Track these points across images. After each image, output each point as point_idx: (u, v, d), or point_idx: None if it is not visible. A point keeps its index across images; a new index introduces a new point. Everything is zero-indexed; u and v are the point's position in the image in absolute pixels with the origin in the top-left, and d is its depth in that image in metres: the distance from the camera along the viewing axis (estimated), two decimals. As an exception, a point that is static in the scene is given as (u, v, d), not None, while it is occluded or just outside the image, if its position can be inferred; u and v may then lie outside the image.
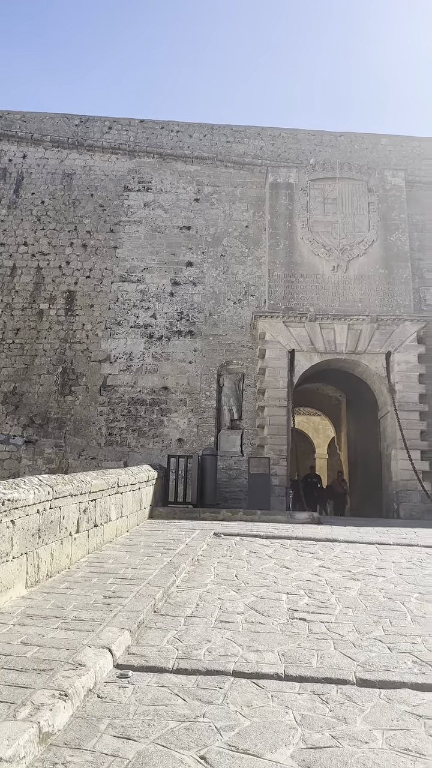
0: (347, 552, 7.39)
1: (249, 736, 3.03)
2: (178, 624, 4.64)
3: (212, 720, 3.21)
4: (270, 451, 14.90)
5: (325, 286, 16.21)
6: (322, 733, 3.09)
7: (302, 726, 3.17)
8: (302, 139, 17.69)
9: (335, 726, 3.18)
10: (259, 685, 3.68)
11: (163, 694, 3.51)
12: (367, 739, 3.05)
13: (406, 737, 3.08)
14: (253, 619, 4.82)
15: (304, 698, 3.52)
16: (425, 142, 17.97)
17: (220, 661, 3.96)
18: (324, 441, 29.48)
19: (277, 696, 3.54)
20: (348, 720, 3.25)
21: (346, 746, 2.96)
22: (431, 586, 5.88)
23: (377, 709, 3.40)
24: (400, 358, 15.57)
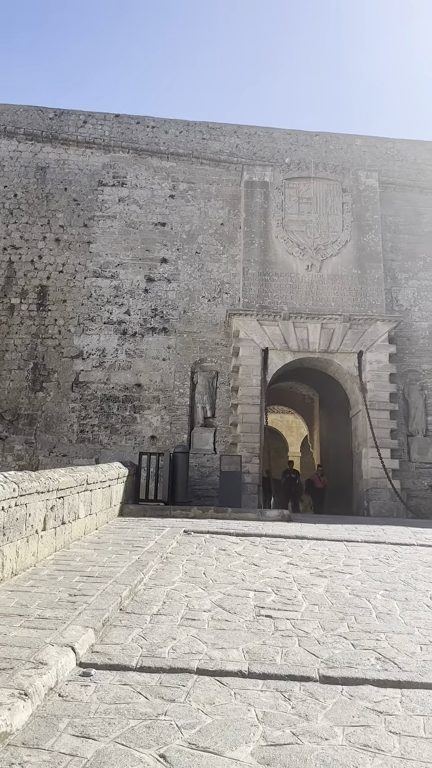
0: (316, 549, 7.43)
1: (210, 734, 3.02)
2: (144, 622, 4.62)
3: (174, 718, 3.19)
4: (243, 448, 14.93)
5: (299, 285, 16.27)
6: (283, 731, 3.10)
7: (264, 723, 3.17)
8: (278, 138, 17.73)
9: (296, 723, 3.19)
10: (222, 683, 3.67)
11: (126, 693, 3.48)
12: (327, 735, 3.06)
13: (366, 733, 3.10)
14: (220, 616, 4.82)
15: (267, 695, 3.53)
16: (399, 143, 18.15)
17: (184, 659, 3.94)
18: (297, 439, 29.64)
19: (240, 693, 3.54)
20: (309, 717, 3.27)
21: (306, 743, 2.97)
22: (397, 583, 5.94)
23: (339, 705, 3.43)
24: (371, 357, 15.71)
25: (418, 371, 16.34)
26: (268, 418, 18.39)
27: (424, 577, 6.20)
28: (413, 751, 2.93)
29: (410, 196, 17.62)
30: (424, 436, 15.86)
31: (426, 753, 2.91)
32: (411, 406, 16.13)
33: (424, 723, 3.24)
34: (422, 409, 16.02)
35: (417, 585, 5.88)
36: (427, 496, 15.07)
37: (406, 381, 16.24)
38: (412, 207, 17.56)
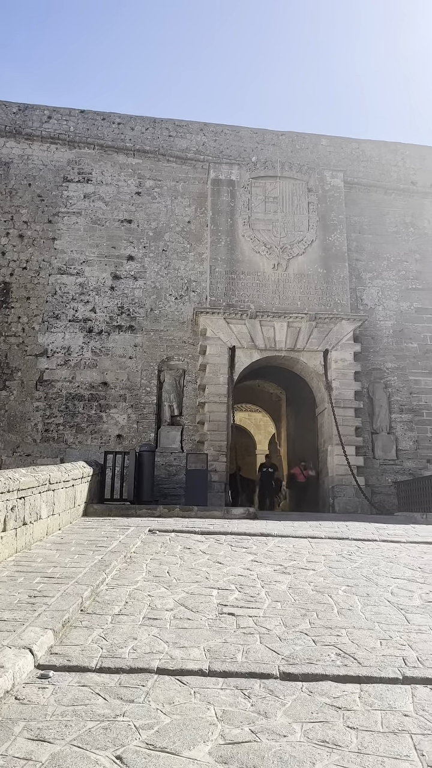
0: (280, 546, 7.46)
1: (168, 734, 3.00)
2: (105, 622, 4.57)
3: (132, 719, 3.16)
4: (210, 447, 14.93)
5: (265, 283, 16.34)
6: (241, 728, 3.09)
7: (223, 722, 3.16)
8: (244, 137, 17.76)
9: (255, 720, 3.19)
10: (182, 682, 3.65)
11: (84, 694, 3.44)
12: (285, 732, 3.07)
13: (325, 729, 3.12)
14: (182, 615, 4.79)
15: (227, 694, 3.52)
16: (364, 144, 18.36)
17: (144, 659, 3.91)
18: (265, 437, 29.78)
19: (200, 692, 3.52)
20: (269, 714, 3.27)
21: (264, 740, 2.97)
22: (359, 579, 6.00)
23: (298, 702, 3.44)
24: (337, 355, 15.87)
25: (382, 369, 16.56)
26: (235, 416, 18.45)
27: (386, 573, 6.27)
28: (370, 745, 2.96)
29: (374, 197, 17.84)
30: (388, 433, 16.09)
31: (382, 747, 2.94)
32: (375, 404, 16.35)
33: (381, 717, 3.27)
34: (386, 407, 16.26)
35: (378, 581, 5.95)
36: (390, 492, 15.30)
37: (370, 379, 16.46)
38: (376, 207, 17.79)
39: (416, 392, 16.38)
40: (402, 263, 17.41)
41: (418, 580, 5.99)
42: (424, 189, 18.08)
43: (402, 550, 7.42)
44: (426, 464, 15.72)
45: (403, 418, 16.20)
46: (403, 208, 17.92)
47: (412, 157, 18.41)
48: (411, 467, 15.71)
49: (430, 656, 4.09)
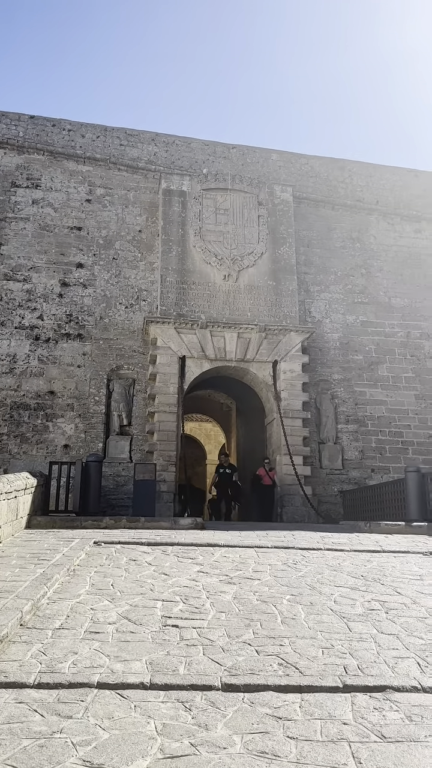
0: (227, 556, 7.46)
1: (106, 750, 2.94)
2: (45, 637, 4.47)
3: (69, 735, 3.09)
4: (159, 457, 14.85)
5: (216, 294, 16.42)
6: (181, 742, 3.06)
7: (162, 735, 3.13)
8: (196, 149, 17.87)
9: (196, 733, 3.16)
10: (123, 696, 3.60)
11: (20, 711, 3.34)
12: (226, 744, 3.06)
13: (265, 740, 3.12)
14: (125, 628, 4.73)
15: (168, 706, 3.49)
16: (313, 160, 18.75)
17: (84, 673, 3.84)
18: (215, 447, 29.82)
19: (141, 706, 3.48)
20: (209, 726, 3.25)
21: (204, 753, 2.96)
22: (303, 588, 6.05)
23: (239, 713, 3.43)
24: (286, 366, 16.07)
25: (329, 381, 16.86)
26: (185, 426, 18.39)
27: (330, 581, 6.35)
28: (309, 755, 2.98)
29: (323, 212, 18.23)
30: (334, 443, 16.36)
31: (321, 756, 2.97)
32: (322, 414, 16.61)
33: (321, 726, 3.30)
34: (333, 417, 16.54)
35: (322, 589, 6.02)
36: (336, 501, 15.54)
37: (318, 390, 16.72)
38: (324, 222, 18.17)
39: (361, 403, 16.73)
40: (348, 277, 17.82)
41: (360, 589, 6.09)
42: (370, 206, 18.58)
43: (346, 559, 7.53)
44: (371, 474, 16.05)
45: (349, 428, 16.51)
46: (350, 223, 18.37)
47: (359, 175, 18.90)
48: (356, 477, 16.01)
49: (371, 664, 4.16)
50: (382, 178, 19.00)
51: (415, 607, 5.51)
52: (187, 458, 18.65)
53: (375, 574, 6.70)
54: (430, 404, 17.01)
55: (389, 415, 16.75)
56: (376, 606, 5.50)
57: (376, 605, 5.52)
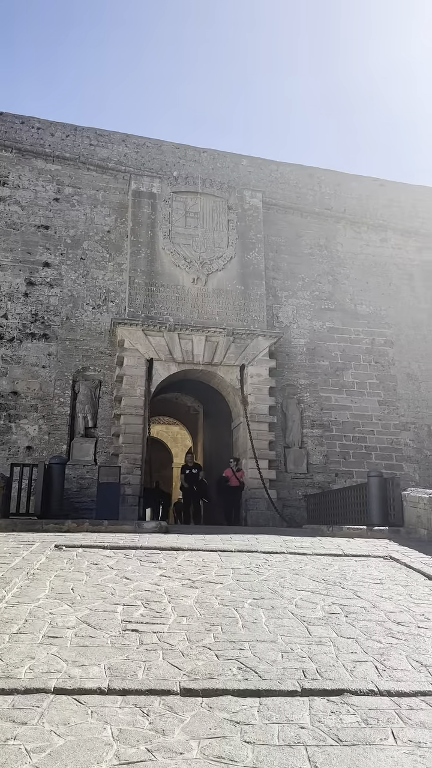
0: (190, 560, 7.44)
1: (60, 756, 2.90)
2: (2, 642, 4.39)
3: (23, 742, 3.04)
4: (125, 459, 14.74)
5: (185, 297, 16.40)
6: (137, 747, 3.04)
7: (119, 741, 3.09)
8: (166, 151, 17.85)
9: (152, 739, 3.14)
10: (80, 702, 3.56)
11: (-27, 720, 3.26)
12: (182, 749, 3.04)
13: (222, 745, 3.11)
14: (84, 633, 4.67)
15: (125, 712, 3.46)
16: (282, 166, 18.89)
17: (41, 679, 3.78)
18: (182, 450, 29.73)
19: (98, 711, 3.44)
20: (166, 732, 3.23)
21: (160, 759, 2.94)
22: (265, 591, 6.07)
23: (197, 718, 3.42)
24: (253, 371, 16.13)
25: (295, 385, 16.98)
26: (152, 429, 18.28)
27: (291, 585, 6.39)
28: (265, 759, 2.98)
29: (291, 219, 18.38)
30: (299, 447, 16.48)
31: (277, 761, 2.97)
32: (288, 418, 16.72)
33: (278, 731, 3.31)
34: (298, 421, 16.66)
35: (284, 593, 6.05)
36: (300, 505, 15.65)
37: (284, 395, 16.83)
38: (293, 229, 18.33)
39: (327, 408, 16.90)
40: (316, 284, 17.99)
41: (321, 592, 6.14)
42: (337, 214, 18.81)
43: (308, 563, 7.58)
44: (334, 478, 16.21)
45: (314, 433, 16.65)
46: (318, 230, 18.56)
47: (327, 183, 19.12)
48: (320, 481, 16.15)
49: (329, 668, 4.19)
50: (350, 187, 19.25)
51: (375, 610, 5.58)
52: (154, 461, 18.54)
53: (336, 578, 6.77)
54: (393, 410, 17.29)
55: (353, 421, 16.96)
56: (337, 610, 5.55)
57: (336, 609, 5.57)
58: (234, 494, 15.15)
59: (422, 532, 10.04)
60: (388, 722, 3.46)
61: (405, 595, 6.13)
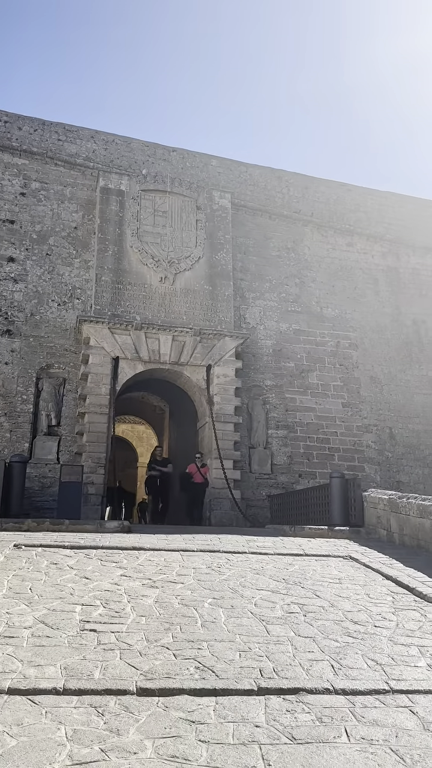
0: (151, 560, 7.42)
1: (12, 758, 2.86)
2: None
3: (-26, 745, 2.98)
4: (88, 458, 14.61)
5: (152, 296, 16.34)
6: (91, 748, 3.02)
7: (72, 742, 3.07)
8: (136, 149, 17.75)
9: (107, 739, 3.12)
10: (34, 702, 3.51)
11: None
12: (136, 749, 3.03)
13: (176, 744, 3.11)
14: (41, 632, 4.62)
15: (80, 712, 3.43)
16: (252, 168, 18.98)
17: (-5, 680, 3.72)
18: (147, 450, 29.63)
19: (52, 712, 3.40)
20: (121, 731, 3.22)
21: (113, 759, 2.92)
22: (225, 591, 6.09)
23: (153, 717, 3.41)
24: (219, 371, 16.16)
25: (261, 386, 17.08)
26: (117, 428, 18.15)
27: (252, 584, 6.42)
28: (219, 758, 2.99)
29: (260, 221, 18.48)
30: (264, 448, 16.58)
31: (231, 759, 2.99)
32: (254, 419, 16.80)
33: (233, 730, 3.32)
34: (264, 422, 16.76)
35: (244, 592, 6.07)
36: (264, 505, 15.74)
37: (250, 395, 16.91)
38: (261, 231, 18.43)
39: (292, 410, 17.04)
40: (283, 286, 18.13)
41: (281, 592, 6.19)
42: (305, 217, 18.99)
43: (269, 562, 7.63)
44: (298, 478, 16.35)
45: (279, 434, 16.77)
46: (286, 233, 18.71)
47: (296, 186, 19.28)
48: (284, 481, 16.27)
49: (286, 667, 4.23)
50: (317, 191, 19.45)
51: (333, 610, 5.65)
52: (118, 460, 18.41)
53: (296, 578, 6.83)
54: (356, 412, 17.53)
55: (317, 422, 17.14)
56: (296, 609, 5.60)
57: (295, 608, 5.62)
58: (198, 491, 15.00)
59: (382, 533, 10.20)
60: (342, 720, 3.50)
61: (363, 595, 6.22)
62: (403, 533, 9.41)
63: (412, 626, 5.25)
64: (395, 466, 17.38)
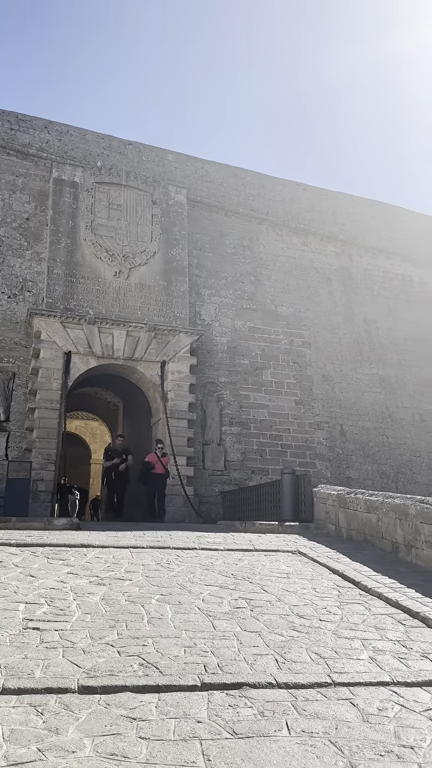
0: (99, 557, 7.33)
1: None
2: None
3: None
4: (38, 455, 14.35)
5: (106, 290, 16.15)
6: (28, 747, 2.95)
7: (9, 742, 3.00)
8: (91, 141, 17.49)
9: (45, 738, 3.06)
10: (-30, 704, 3.41)
11: None
12: (75, 748, 2.98)
13: (116, 742, 3.08)
14: (-19, 632, 4.50)
15: (19, 711, 3.35)
16: (208, 164, 18.96)
17: None
18: (101, 446, 29.34)
19: (-11, 713, 3.31)
20: (60, 730, 3.16)
21: (50, 758, 2.87)
22: (174, 587, 6.07)
23: (93, 716, 3.37)
24: (174, 367, 16.11)
25: (216, 383, 17.11)
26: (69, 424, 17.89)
27: (200, 580, 6.42)
28: (159, 755, 2.97)
29: (216, 217, 18.49)
30: (218, 445, 16.62)
31: (171, 756, 2.97)
32: (208, 416, 16.82)
33: (174, 726, 3.30)
34: (218, 419, 16.80)
35: (192, 588, 6.07)
36: (217, 502, 15.79)
37: (204, 392, 16.91)
38: (217, 227, 18.43)
39: (245, 406, 17.13)
40: (238, 283, 18.19)
41: (229, 587, 6.20)
42: (261, 215, 19.09)
43: (219, 558, 7.65)
44: (251, 475, 16.46)
45: (233, 430, 16.84)
46: (242, 231, 18.76)
47: (252, 184, 19.36)
48: (237, 478, 16.36)
49: (231, 662, 4.24)
50: (273, 190, 19.58)
51: (279, 604, 5.70)
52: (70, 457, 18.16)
53: (245, 573, 6.86)
54: (309, 410, 17.74)
55: (271, 419, 17.28)
56: (243, 604, 5.62)
57: (242, 603, 5.65)
58: (158, 482, 14.15)
59: (330, 528, 10.36)
60: (283, 714, 3.53)
61: (309, 589, 6.30)
62: (351, 528, 9.57)
63: (356, 620, 5.35)
64: (345, 463, 17.68)
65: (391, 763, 2.99)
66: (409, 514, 7.84)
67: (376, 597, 6.05)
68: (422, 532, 7.48)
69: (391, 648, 4.67)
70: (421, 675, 4.15)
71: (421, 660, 4.44)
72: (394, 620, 5.34)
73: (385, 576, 6.77)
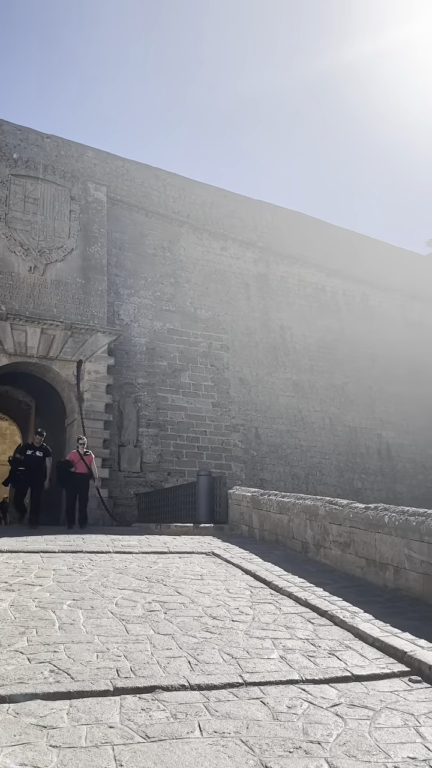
0: (8, 562, 7.10)
1: None
2: None
3: None
4: None
5: (20, 285, 15.66)
6: None
7: None
8: (7, 132, 16.91)
9: None
10: None
11: None
12: (-19, 761, 2.88)
13: (25, 751, 3.00)
14: None
15: None
16: (129, 164, 18.82)
17: None
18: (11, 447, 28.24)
19: None
20: (-35, 744, 3.05)
21: None
22: (86, 592, 5.98)
23: (1, 725, 3.26)
24: (90, 367, 15.85)
25: (133, 384, 16.99)
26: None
27: (114, 584, 6.36)
28: (70, 762, 2.93)
29: (136, 217, 18.37)
30: (134, 446, 16.51)
31: (82, 762, 2.94)
32: (125, 417, 16.68)
33: (86, 732, 3.26)
34: (135, 420, 16.69)
35: (105, 592, 6.00)
36: (132, 504, 15.69)
37: (122, 393, 16.76)
38: (137, 227, 18.32)
39: (163, 408, 17.12)
40: (158, 285, 18.15)
41: (143, 590, 6.18)
42: (181, 218, 19.15)
43: (133, 561, 7.60)
44: (167, 477, 16.46)
45: (150, 432, 16.78)
46: (162, 232, 18.75)
47: (173, 186, 19.39)
48: (153, 479, 16.31)
49: (144, 665, 4.23)
50: (194, 193, 19.71)
51: (193, 606, 5.74)
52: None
53: (159, 576, 6.86)
54: (225, 412, 17.97)
55: (188, 421, 17.36)
56: (156, 607, 5.62)
57: (156, 606, 5.65)
58: (81, 483, 12.35)
59: (244, 528, 10.54)
60: (196, 715, 3.56)
61: (223, 590, 6.39)
62: (264, 529, 9.78)
63: (267, 619, 5.47)
64: (260, 464, 18.04)
65: (299, 759, 3.09)
66: (318, 514, 8.10)
67: (287, 596, 6.22)
68: (330, 533, 7.75)
69: (300, 646, 4.81)
70: (329, 672, 4.31)
71: (328, 657, 4.61)
72: (303, 619, 5.51)
73: (296, 575, 6.97)
